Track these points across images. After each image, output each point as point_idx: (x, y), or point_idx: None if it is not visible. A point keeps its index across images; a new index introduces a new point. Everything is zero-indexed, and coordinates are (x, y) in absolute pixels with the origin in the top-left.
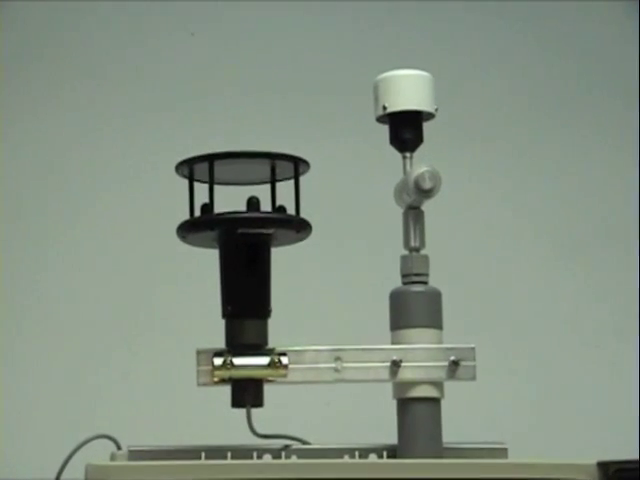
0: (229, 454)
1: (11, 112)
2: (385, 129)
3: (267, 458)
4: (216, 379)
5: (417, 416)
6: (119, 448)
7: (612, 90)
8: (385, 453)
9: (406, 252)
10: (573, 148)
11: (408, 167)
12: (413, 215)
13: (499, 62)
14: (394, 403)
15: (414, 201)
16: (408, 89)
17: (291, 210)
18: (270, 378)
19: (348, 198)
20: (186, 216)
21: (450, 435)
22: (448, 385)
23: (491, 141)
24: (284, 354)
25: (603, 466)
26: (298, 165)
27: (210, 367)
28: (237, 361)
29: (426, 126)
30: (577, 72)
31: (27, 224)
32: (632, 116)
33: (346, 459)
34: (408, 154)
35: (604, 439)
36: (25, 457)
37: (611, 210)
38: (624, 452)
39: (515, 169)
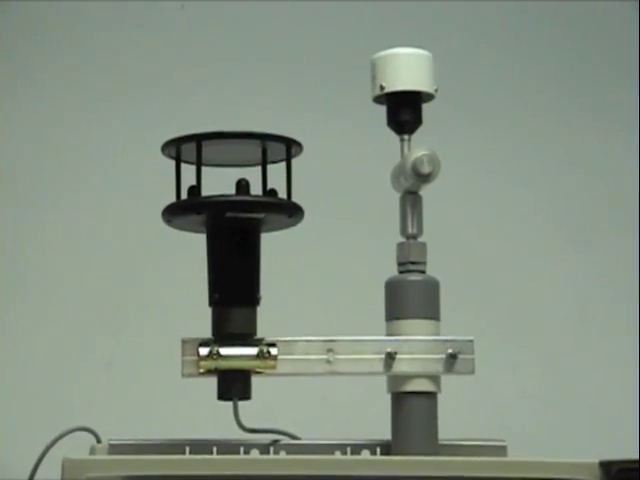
0: (215, 449)
1: None
2: (382, 110)
3: (255, 453)
4: (202, 370)
5: (412, 411)
6: (99, 441)
7: (615, 75)
8: (378, 449)
9: (403, 239)
10: (577, 131)
11: (406, 150)
12: (411, 200)
13: (501, 43)
14: (388, 397)
15: (412, 186)
16: (407, 68)
17: (282, 194)
18: (258, 370)
19: (342, 182)
20: (172, 199)
21: (447, 431)
22: (445, 379)
23: (493, 123)
24: (273, 344)
25: (605, 466)
26: (290, 147)
27: (196, 357)
28: (224, 351)
29: (425, 107)
30: (579, 57)
31: (8, 208)
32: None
33: (337, 455)
34: (406, 136)
35: (607, 437)
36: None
37: (620, 195)
38: (627, 451)
39: (518, 153)
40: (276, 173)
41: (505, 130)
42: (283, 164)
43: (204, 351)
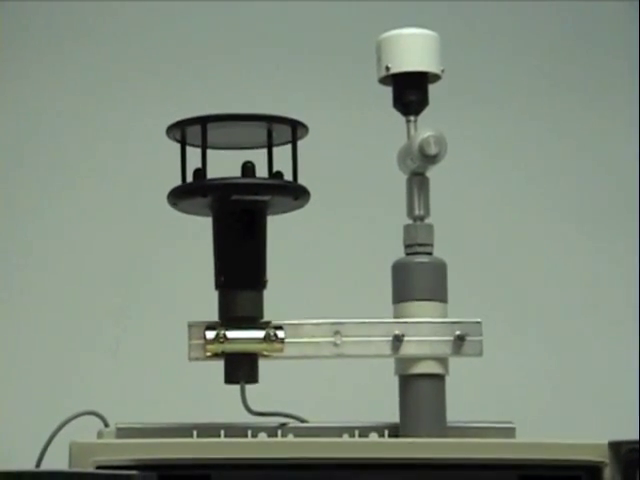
0: (222, 432)
1: None
2: (388, 91)
3: (262, 436)
4: (209, 353)
5: (420, 393)
6: (106, 425)
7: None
8: (386, 432)
9: (410, 221)
10: (584, 118)
11: (412, 131)
12: (417, 182)
13: (509, 25)
14: (396, 379)
15: (418, 167)
16: (413, 49)
17: (288, 176)
18: (265, 353)
19: (349, 164)
20: (178, 182)
21: (455, 413)
22: (453, 361)
23: (500, 104)
24: (280, 327)
25: (615, 446)
26: (296, 129)
27: (202, 341)
28: (231, 335)
29: (432, 88)
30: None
31: (10, 195)
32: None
33: (345, 438)
34: (412, 118)
35: (617, 418)
36: (7, 434)
37: (629, 182)
38: (636, 432)
39: (526, 134)
40: (282, 155)
41: (512, 111)
42: (289, 146)
43: (211, 334)
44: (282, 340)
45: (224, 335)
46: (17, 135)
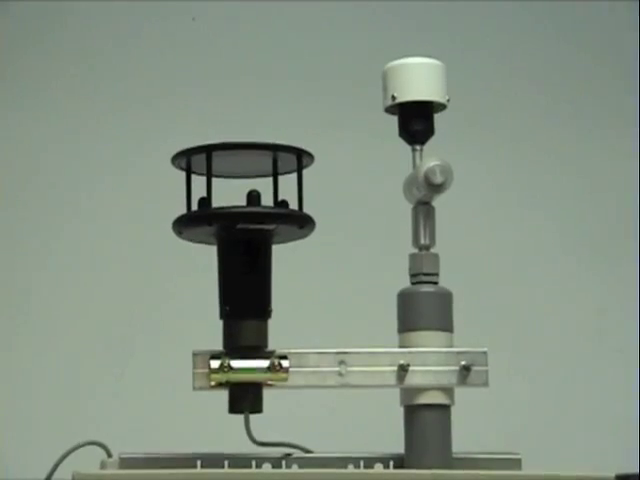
0: (226, 462)
1: (4, 100)
2: (394, 120)
3: (266, 467)
4: (213, 383)
5: (426, 424)
6: (110, 455)
7: (623, 85)
8: (391, 463)
9: (415, 250)
10: (589, 145)
11: (418, 160)
12: (423, 211)
13: (514, 55)
14: (401, 410)
15: (424, 196)
16: (419, 78)
17: (294, 205)
18: (270, 382)
19: (354, 193)
20: (183, 210)
21: (460, 444)
22: (459, 391)
23: (506, 134)
24: (285, 357)
25: (622, 479)
26: (301, 157)
27: (207, 370)
28: (235, 364)
29: (437, 117)
30: (582, 54)
31: (18, 221)
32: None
33: (350, 469)
34: (418, 147)
35: (624, 450)
36: (10, 464)
37: (630, 209)
38: None
39: (532, 164)
40: (287, 184)
41: (517, 141)
42: (294, 175)
43: (215, 364)
44: (287, 370)
45: (228, 364)
46: (18, 164)
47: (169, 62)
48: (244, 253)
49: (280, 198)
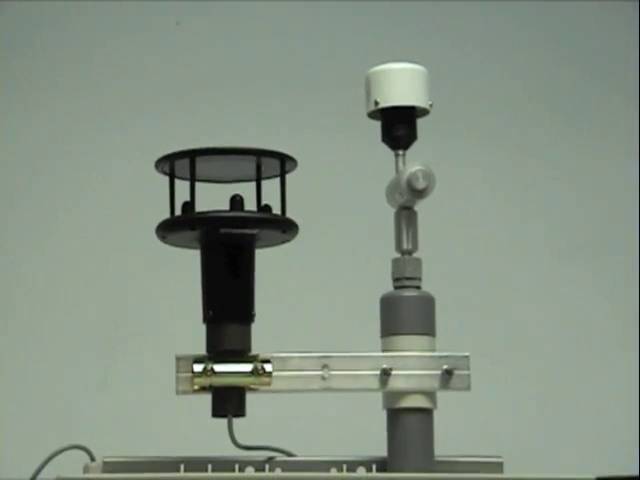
0: (210, 466)
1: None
2: (377, 125)
3: (250, 471)
4: (196, 387)
5: (408, 427)
6: (93, 459)
7: (612, 89)
8: (374, 466)
9: (398, 255)
10: (572, 146)
11: (401, 165)
12: (405, 216)
13: (497, 57)
14: (384, 413)
15: (407, 201)
16: (401, 83)
17: (277, 209)
18: (253, 386)
19: (337, 197)
20: (166, 215)
21: (443, 448)
22: (441, 395)
23: (488, 139)
24: (268, 361)
25: None
26: (285, 162)
27: (190, 374)
28: (218, 368)
29: (420, 122)
30: (577, 69)
31: (3, 225)
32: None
33: (333, 472)
34: (401, 152)
35: (605, 453)
36: None
37: (617, 213)
38: (625, 467)
39: (513, 168)
40: (270, 189)
41: (500, 145)
42: (277, 179)
43: (198, 368)
44: (270, 373)
45: (212, 368)
46: (11, 163)
47: (154, 67)
48: (227, 257)
49: (263, 203)
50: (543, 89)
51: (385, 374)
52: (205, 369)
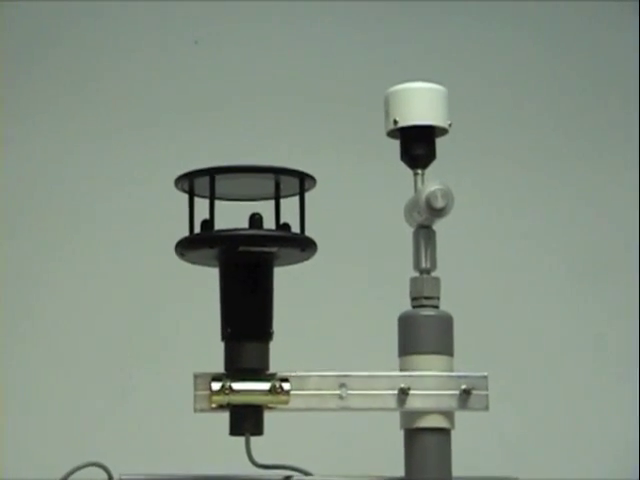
0: None
1: (11, 125)
2: (396, 144)
3: None
4: (214, 405)
5: (426, 447)
6: (110, 477)
7: (615, 97)
8: None
9: (416, 274)
10: (589, 167)
11: (419, 184)
12: (424, 235)
13: (515, 78)
14: (401, 433)
15: (425, 220)
16: (420, 103)
17: (296, 228)
18: (271, 405)
19: (356, 216)
20: (185, 232)
21: (460, 468)
22: (459, 415)
23: (507, 159)
24: (286, 380)
25: None
26: (304, 181)
27: (208, 392)
28: (236, 386)
29: (439, 142)
30: (583, 79)
31: (21, 241)
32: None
33: None
34: (419, 171)
35: (621, 472)
36: None
37: (634, 229)
38: None
39: (533, 189)
40: (289, 207)
41: (519, 165)
42: (296, 198)
43: (216, 386)
44: (288, 392)
45: (230, 387)
46: (23, 178)
47: (172, 84)
48: (246, 275)
49: (282, 221)
50: (565, 111)
51: (403, 393)
52: (223, 387)
